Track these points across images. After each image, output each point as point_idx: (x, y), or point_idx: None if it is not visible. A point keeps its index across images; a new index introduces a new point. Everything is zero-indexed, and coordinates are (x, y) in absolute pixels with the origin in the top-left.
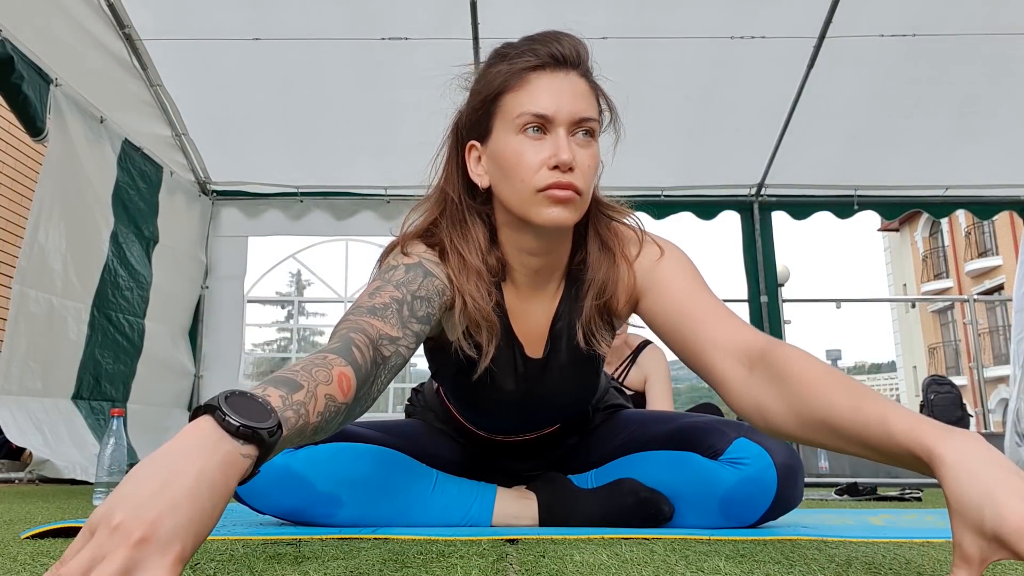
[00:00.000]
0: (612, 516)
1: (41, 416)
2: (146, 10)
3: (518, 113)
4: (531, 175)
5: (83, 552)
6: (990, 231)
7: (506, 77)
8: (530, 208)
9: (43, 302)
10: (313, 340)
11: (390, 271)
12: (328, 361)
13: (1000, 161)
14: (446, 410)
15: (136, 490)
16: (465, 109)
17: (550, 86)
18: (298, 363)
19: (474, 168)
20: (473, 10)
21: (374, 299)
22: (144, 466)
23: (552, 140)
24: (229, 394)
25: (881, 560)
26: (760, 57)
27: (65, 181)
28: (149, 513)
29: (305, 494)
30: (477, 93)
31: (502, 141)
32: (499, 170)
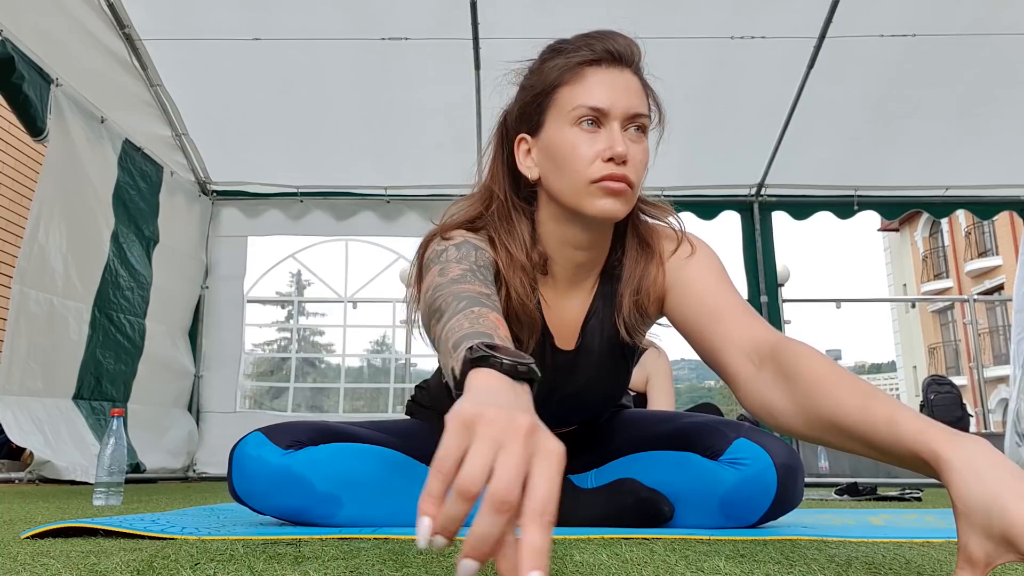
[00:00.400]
0: (612, 516)
1: (42, 416)
2: (146, 10)
3: (574, 106)
4: (586, 166)
5: (477, 447)
6: (990, 231)
7: (561, 71)
8: (583, 199)
9: (44, 302)
10: (313, 340)
11: (441, 254)
12: (484, 312)
13: (1000, 161)
14: None
15: (487, 395)
16: (515, 104)
17: (605, 81)
18: (459, 317)
19: (523, 160)
20: (473, 10)
21: (448, 275)
22: (473, 397)
23: (606, 133)
24: (487, 344)
25: (881, 560)
26: (760, 57)
27: (66, 181)
28: (517, 412)
29: (305, 494)
30: (531, 87)
31: (556, 133)
32: (552, 161)
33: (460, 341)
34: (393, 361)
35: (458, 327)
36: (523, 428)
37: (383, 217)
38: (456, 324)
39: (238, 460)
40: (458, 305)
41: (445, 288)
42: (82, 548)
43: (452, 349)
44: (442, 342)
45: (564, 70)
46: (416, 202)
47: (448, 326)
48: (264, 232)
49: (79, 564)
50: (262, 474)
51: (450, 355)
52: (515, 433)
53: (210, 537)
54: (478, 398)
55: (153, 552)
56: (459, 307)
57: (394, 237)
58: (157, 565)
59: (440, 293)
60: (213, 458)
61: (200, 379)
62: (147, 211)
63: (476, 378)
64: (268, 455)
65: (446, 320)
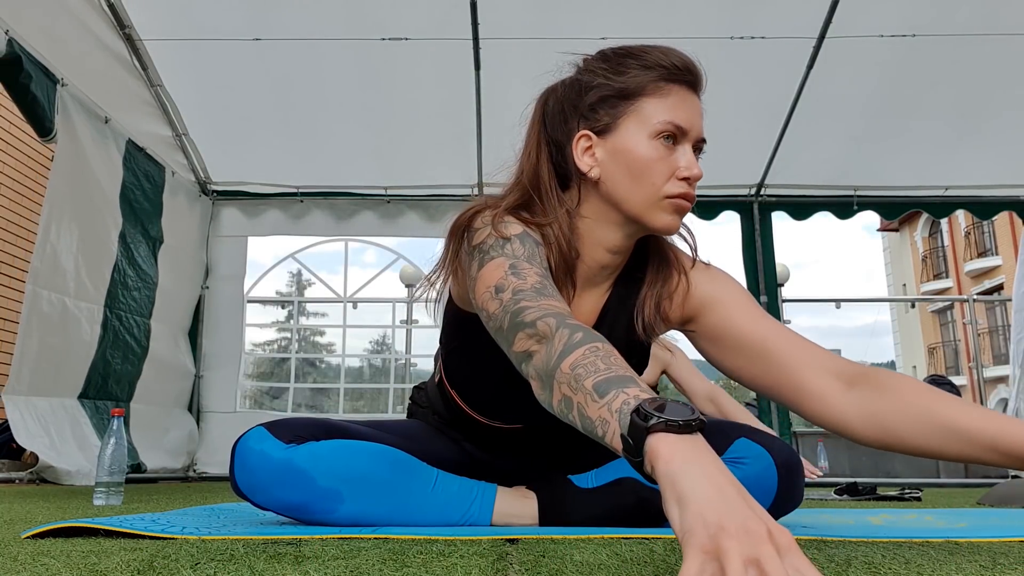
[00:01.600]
0: (612, 516)
1: (48, 416)
2: (146, 10)
3: (659, 119)
4: (663, 181)
5: (733, 565)
6: (990, 231)
7: (646, 79)
8: (650, 210)
9: (56, 303)
10: (313, 340)
11: (503, 246)
12: (608, 348)
13: (1000, 161)
14: (450, 402)
15: (710, 502)
16: (570, 95)
17: (687, 101)
18: (585, 352)
19: (581, 156)
20: (473, 10)
21: (526, 279)
22: (687, 481)
23: (681, 153)
24: (645, 411)
25: (881, 560)
26: (760, 57)
27: (75, 181)
28: (747, 515)
29: (306, 489)
30: (603, 87)
31: (632, 141)
32: (624, 167)
33: (607, 388)
34: (393, 361)
35: (592, 367)
36: (763, 535)
37: (383, 217)
38: (588, 362)
39: (240, 454)
40: (573, 335)
41: (531, 299)
42: (82, 548)
43: (596, 393)
44: (564, 375)
45: (649, 79)
46: (416, 202)
47: (573, 361)
48: (264, 232)
49: (79, 564)
50: (264, 468)
51: (590, 396)
52: (761, 543)
53: (210, 537)
54: (698, 504)
55: (153, 552)
56: (576, 338)
57: (394, 237)
58: (157, 565)
59: (528, 305)
60: (213, 458)
61: (200, 379)
62: (152, 211)
63: (661, 449)
64: (270, 449)
65: (562, 350)
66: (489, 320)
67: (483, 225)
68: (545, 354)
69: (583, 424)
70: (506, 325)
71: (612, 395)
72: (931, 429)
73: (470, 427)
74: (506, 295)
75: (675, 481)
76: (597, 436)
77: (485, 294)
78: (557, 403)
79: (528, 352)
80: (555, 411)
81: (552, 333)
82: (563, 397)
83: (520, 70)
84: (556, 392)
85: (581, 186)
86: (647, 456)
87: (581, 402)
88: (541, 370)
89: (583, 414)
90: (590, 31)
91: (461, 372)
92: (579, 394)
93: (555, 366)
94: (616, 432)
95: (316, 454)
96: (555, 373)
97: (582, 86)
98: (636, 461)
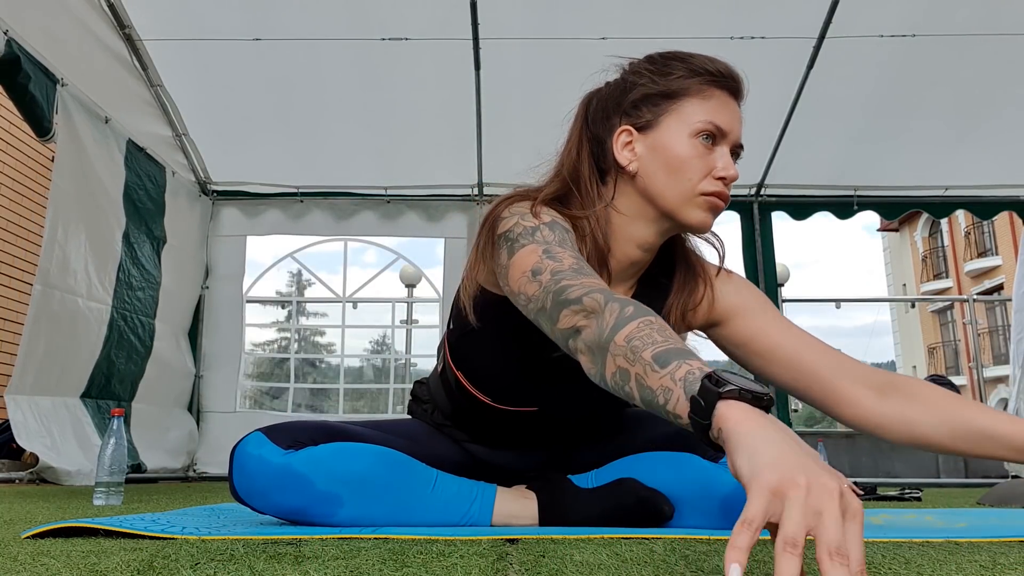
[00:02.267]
0: (612, 516)
1: (50, 415)
2: (146, 10)
3: (701, 119)
4: (699, 177)
5: (796, 514)
6: (990, 231)
7: (690, 82)
8: (685, 206)
9: (69, 303)
10: (313, 340)
11: (533, 232)
12: (662, 323)
13: (1000, 161)
14: (454, 390)
15: (784, 455)
16: (614, 94)
17: (728, 106)
18: (640, 325)
19: (621, 150)
20: (473, 10)
21: (563, 261)
22: (761, 439)
23: (719, 154)
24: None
25: (881, 560)
26: (760, 57)
27: (78, 182)
28: (824, 471)
29: (305, 493)
30: (647, 85)
31: (673, 137)
32: (662, 162)
33: (668, 359)
34: (393, 361)
35: (649, 339)
36: (835, 492)
37: (383, 217)
38: (643, 334)
39: (239, 460)
40: (624, 309)
41: (571, 277)
42: (82, 548)
43: (656, 363)
44: (619, 348)
45: (693, 82)
46: (416, 202)
47: (628, 333)
48: (264, 232)
49: (79, 564)
50: (263, 473)
51: (649, 367)
52: (830, 498)
53: (210, 537)
54: (769, 456)
55: (153, 552)
56: (627, 311)
57: (394, 237)
58: (157, 565)
59: (570, 283)
60: (213, 458)
61: (200, 379)
62: (155, 211)
63: (732, 413)
64: (269, 454)
65: (614, 323)
66: (529, 302)
67: (511, 214)
68: (596, 328)
69: (641, 394)
70: (549, 304)
71: (674, 365)
72: (962, 433)
73: (475, 415)
74: (545, 276)
75: (747, 439)
76: (656, 405)
77: (522, 278)
78: (611, 375)
79: (576, 327)
80: (608, 383)
81: (601, 307)
82: (618, 369)
83: (520, 70)
84: (610, 364)
85: (618, 181)
86: (715, 420)
87: (640, 373)
88: (592, 343)
89: (642, 384)
90: (590, 31)
91: (477, 355)
92: (637, 365)
93: (608, 339)
94: (680, 399)
95: (315, 458)
96: (608, 346)
97: (627, 85)
98: (703, 424)
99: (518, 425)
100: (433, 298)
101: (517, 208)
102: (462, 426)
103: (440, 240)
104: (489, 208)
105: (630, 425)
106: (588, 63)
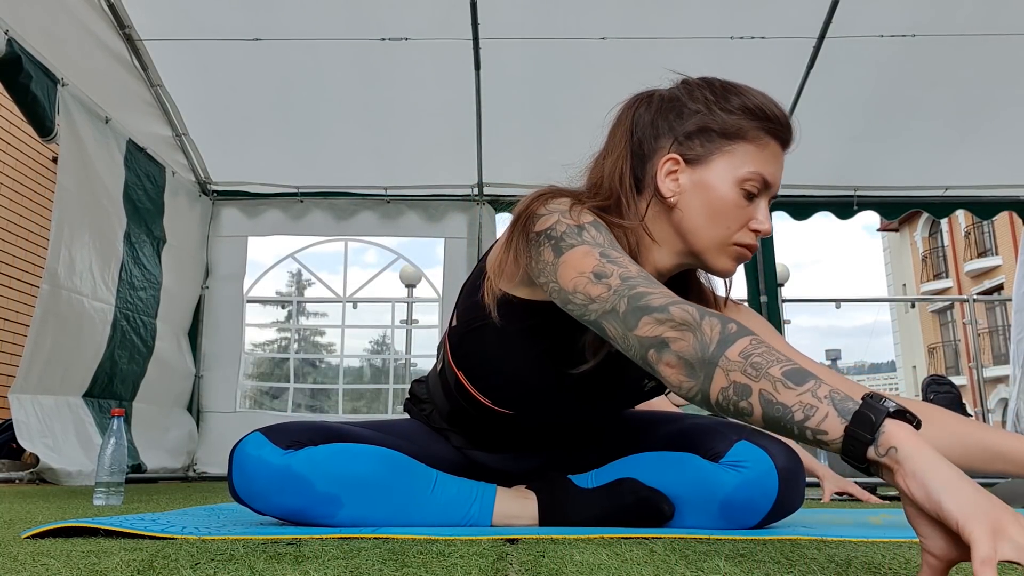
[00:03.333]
0: (612, 516)
1: (52, 414)
2: (146, 10)
3: (752, 170)
4: (736, 228)
5: (1009, 549)
6: (990, 231)
7: (749, 125)
8: (715, 252)
9: (76, 303)
10: (313, 340)
11: (579, 231)
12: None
13: (1000, 161)
14: (452, 390)
15: (976, 492)
16: (666, 114)
17: (778, 159)
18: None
19: (664, 179)
20: (473, 10)
21: (628, 266)
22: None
23: (759, 206)
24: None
25: (881, 560)
26: (760, 57)
27: (81, 182)
28: (1010, 509)
29: (305, 494)
30: (706, 117)
31: (720, 181)
32: (703, 203)
33: (802, 377)
34: (392, 361)
35: (771, 356)
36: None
37: (383, 217)
38: (762, 351)
39: (238, 460)
40: (726, 325)
41: (646, 285)
42: (82, 548)
43: (788, 380)
44: (734, 363)
45: (752, 126)
46: (416, 202)
47: (741, 349)
48: (264, 232)
49: (79, 564)
50: (262, 474)
51: (780, 383)
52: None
53: (210, 537)
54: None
55: (153, 552)
56: (730, 327)
57: (394, 237)
58: (157, 565)
59: (648, 291)
60: (213, 458)
61: (200, 379)
62: (154, 211)
63: (904, 434)
64: (268, 455)
65: (720, 339)
66: (590, 303)
67: (549, 211)
68: (696, 342)
69: (766, 409)
70: (624, 308)
71: (812, 383)
72: (975, 452)
73: (473, 417)
74: (613, 280)
75: (935, 469)
76: (789, 421)
77: (579, 279)
78: (720, 389)
79: (662, 338)
80: (713, 397)
81: (697, 321)
82: (733, 384)
83: (520, 70)
84: (719, 379)
85: (652, 204)
86: (884, 437)
87: (766, 388)
88: (692, 356)
89: (770, 400)
90: (590, 31)
91: (481, 353)
92: (763, 381)
93: (716, 354)
94: (831, 415)
95: (314, 459)
96: (717, 360)
97: (682, 107)
98: (865, 440)
99: (516, 429)
100: (433, 298)
101: (555, 206)
102: (459, 428)
103: (440, 240)
104: (521, 204)
105: (631, 426)
106: (588, 63)
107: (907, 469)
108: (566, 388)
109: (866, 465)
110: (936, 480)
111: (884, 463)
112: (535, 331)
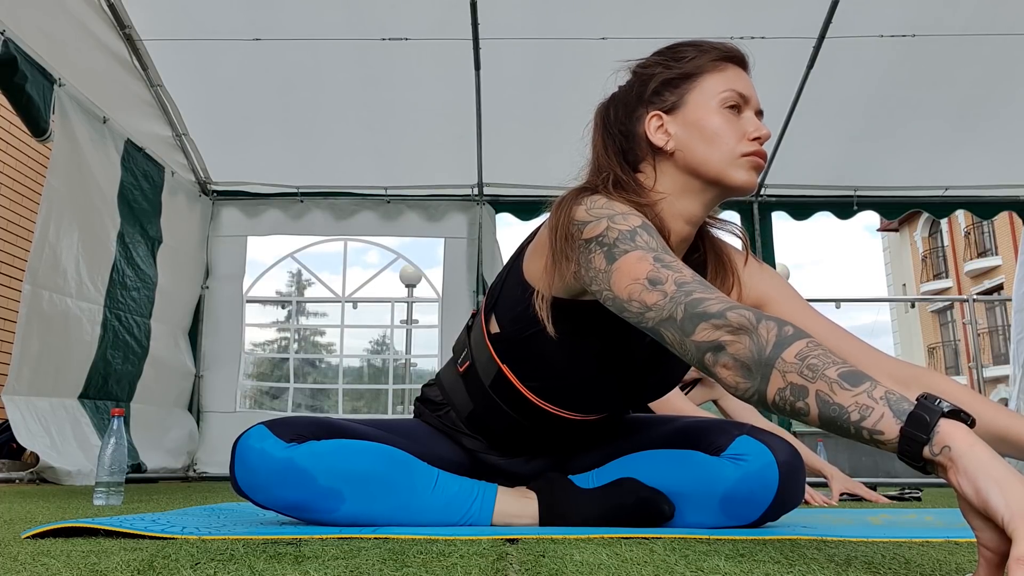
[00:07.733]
0: (612, 516)
1: (48, 416)
2: (146, 10)
3: (723, 90)
4: (736, 141)
5: None
6: (989, 231)
7: (704, 61)
8: (730, 169)
9: (58, 303)
10: (313, 340)
11: (633, 236)
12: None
13: (1000, 161)
14: (488, 390)
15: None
16: (631, 91)
17: (743, 77)
18: (807, 344)
19: (655, 134)
20: (473, 10)
21: (682, 271)
22: (1000, 469)
23: (747, 118)
24: (934, 397)
25: (880, 560)
26: (760, 57)
27: (72, 182)
28: None
29: (307, 488)
30: (664, 72)
31: (702, 110)
32: (697, 135)
33: (858, 379)
34: (392, 361)
35: (827, 358)
36: None
37: (383, 217)
38: (818, 353)
39: (241, 453)
40: (783, 328)
41: (702, 291)
42: (82, 548)
43: (845, 381)
44: (791, 365)
45: (706, 60)
46: (416, 202)
47: (798, 351)
48: (264, 232)
49: (79, 564)
50: (265, 467)
51: (836, 384)
52: None
53: (210, 537)
54: (1011, 483)
55: (153, 552)
56: (786, 330)
57: (394, 237)
58: (157, 565)
59: (705, 297)
60: (213, 458)
61: (200, 379)
62: (150, 211)
63: (959, 433)
64: (271, 448)
65: (776, 341)
66: (647, 310)
67: (595, 216)
68: (752, 345)
69: (823, 409)
70: (681, 315)
71: (868, 385)
72: (980, 433)
73: (501, 414)
74: (668, 287)
75: (989, 468)
76: (845, 420)
77: (634, 285)
78: (777, 390)
79: (718, 342)
80: (769, 397)
81: (754, 325)
82: (790, 385)
83: (520, 70)
84: (776, 380)
85: (656, 165)
86: (938, 436)
87: (823, 389)
88: (748, 359)
89: (826, 400)
90: (590, 31)
91: (538, 358)
92: (819, 382)
93: (773, 356)
94: (886, 415)
95: (317, 453)
96: (774, 362)
97: (643, 79)
98: (921, 439)
99: (546, 428)
100: (433, 298)
101: (597, 209)
102: (479, 429)
103: (440, 240)
104: (556, 211)
105: (632, 426)
106: (588, 63)
107: (960, 467)
108: (627, 379)
109: (922, 464)
110: (986, 478)
111: (939, 462)
112: (587, 331)
